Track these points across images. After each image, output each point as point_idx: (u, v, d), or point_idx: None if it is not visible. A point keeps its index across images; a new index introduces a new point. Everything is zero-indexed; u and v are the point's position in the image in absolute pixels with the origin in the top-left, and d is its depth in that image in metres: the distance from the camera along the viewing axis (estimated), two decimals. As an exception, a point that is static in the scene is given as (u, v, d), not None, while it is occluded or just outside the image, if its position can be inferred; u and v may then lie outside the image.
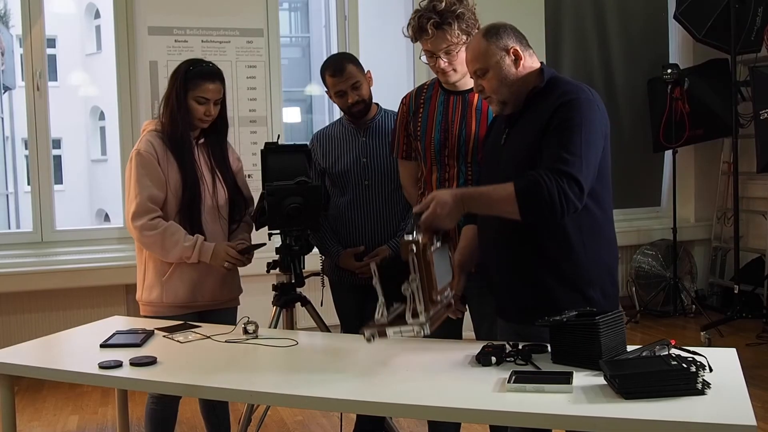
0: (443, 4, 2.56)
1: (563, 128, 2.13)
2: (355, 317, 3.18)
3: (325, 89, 3.14)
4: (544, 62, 2.37)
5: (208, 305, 2.89)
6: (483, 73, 2.27)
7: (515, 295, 2.28)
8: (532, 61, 2.30)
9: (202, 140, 2.90)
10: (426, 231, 2.07)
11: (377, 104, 3.17)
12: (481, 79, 2.29)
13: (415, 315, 2.00)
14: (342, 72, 3.01)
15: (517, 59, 2.25)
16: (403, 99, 2.88)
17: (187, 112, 2.80)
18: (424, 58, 2.70)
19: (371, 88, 3.11)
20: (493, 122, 2.55)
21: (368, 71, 3.10)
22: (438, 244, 2.12)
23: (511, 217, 2.11)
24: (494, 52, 2.24)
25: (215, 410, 3.02)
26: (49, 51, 5.44)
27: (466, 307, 2.80)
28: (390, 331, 2.05)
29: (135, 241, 2.86)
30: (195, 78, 2.80)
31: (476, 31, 2.60)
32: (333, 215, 3.16)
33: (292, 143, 3.37)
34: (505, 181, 2.14)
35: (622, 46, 6.10)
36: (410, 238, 2.00)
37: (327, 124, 3.36)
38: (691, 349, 2.01)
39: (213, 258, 2.79)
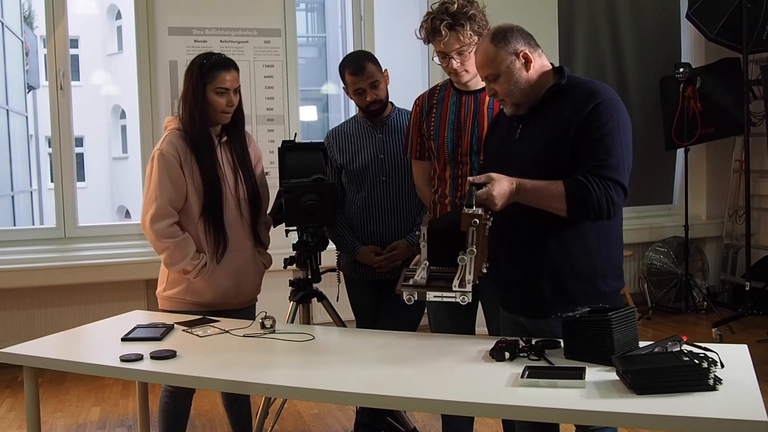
0: (455, 5, 2.59)
1: (605, 132, 2.16)
2: (371, 312, 3.22)
3: (343, 86, 3.17)
4: (557, 61, 2.38)
5: (226, 306, 2.89)
6: (494, 78, 2.27)
7: (530, 288, 2.29)
8: (542, 61, 2.30)
9: (224, 138, 2.89)
10: (480, 206, 2.09)
11: (392, 103, 3.21)
12: (493, 84, 2.29)
13: (462, 284, 2.05)
14: (362, 71, 3.05)
15: (527, 62, 2.26)
16: (416, 100, 2.92)
17: (207, 107, 2.79)
18: (436, 60, 2.74)
19: (388, 86, 3.15)
20: (496, 118, 2.56)
21: (385, 70, 3.14)
22: (491, 221, 2.14)
23: (557, 213, 2.17)
24: (504, 57, 2.24)
25: (237, 403, 3.03)
26: (72, 51, 5.53)
27: (479, 302, 2.84)
28: (431, 294, 2.09)
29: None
30: (211, 70, 2.79)
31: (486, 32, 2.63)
32: (350, 211, 3.20)
33: (309, 141, 3.42)
34: (520, 175, 2.18)
35: (634, 45, 6.11)
36: (472, 211, 2.03)
37: (342, 122, 3.39)
38: (703, 345, 2.02)
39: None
